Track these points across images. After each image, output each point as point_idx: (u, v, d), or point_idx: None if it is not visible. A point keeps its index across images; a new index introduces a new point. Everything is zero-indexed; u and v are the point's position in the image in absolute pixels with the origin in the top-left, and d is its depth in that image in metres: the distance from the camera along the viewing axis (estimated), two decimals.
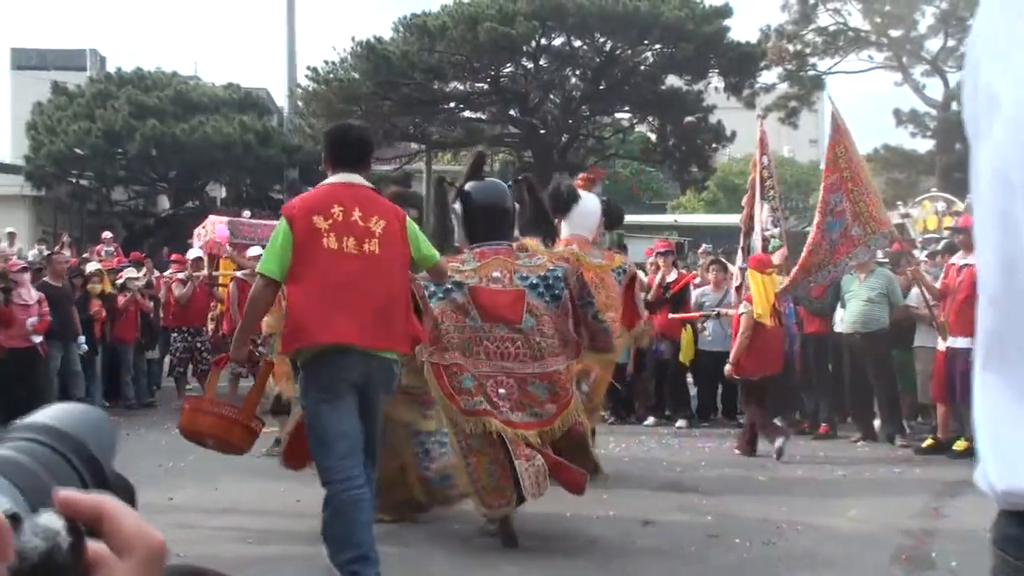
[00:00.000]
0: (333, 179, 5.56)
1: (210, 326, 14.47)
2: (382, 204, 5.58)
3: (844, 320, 11.24)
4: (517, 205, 7.12)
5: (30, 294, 11.91)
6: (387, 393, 5.63)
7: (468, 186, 6.88)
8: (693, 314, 12.40)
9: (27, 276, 12.13)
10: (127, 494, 0.87)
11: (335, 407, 5.28)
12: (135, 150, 27.02)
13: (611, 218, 8.81)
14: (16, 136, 34.38)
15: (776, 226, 12.52)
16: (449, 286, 6.36)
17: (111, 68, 34.48)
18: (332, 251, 5.26)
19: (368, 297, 5.29)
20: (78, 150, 27.12)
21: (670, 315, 12.46)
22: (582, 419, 6.66)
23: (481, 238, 6.69)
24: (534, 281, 6.49)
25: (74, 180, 28.57)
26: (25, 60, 40.71)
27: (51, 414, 0.86)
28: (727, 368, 10.58)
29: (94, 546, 0.74)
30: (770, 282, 10.44)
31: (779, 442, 10.08)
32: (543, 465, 6.16)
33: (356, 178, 5.55)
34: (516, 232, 7.01)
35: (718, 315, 11.81)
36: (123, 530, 0.76)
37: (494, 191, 6.94)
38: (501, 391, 6.32)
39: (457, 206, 6.84)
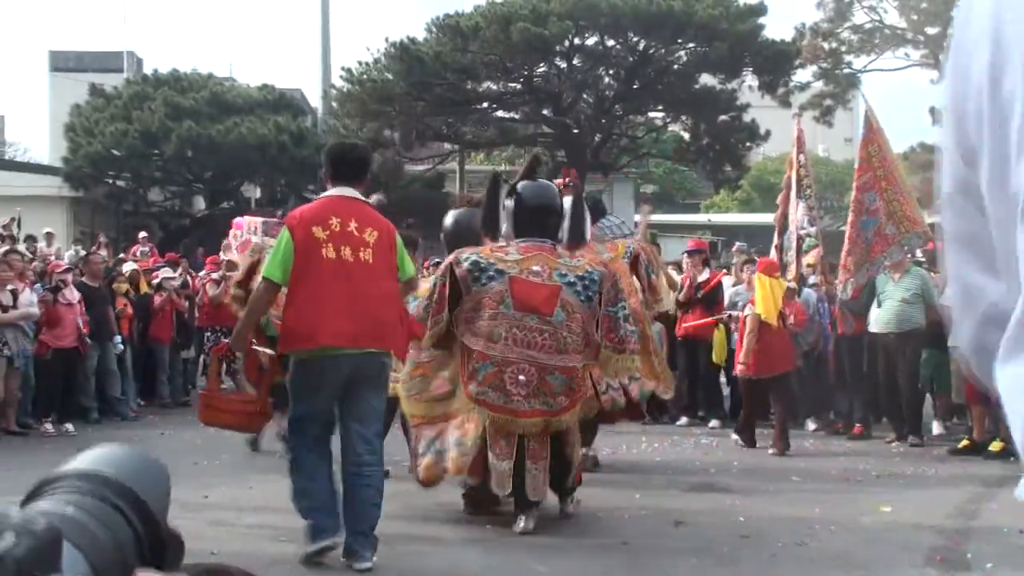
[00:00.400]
0: (331, 192, 6.17)
1: None
2: (375, 217, 6.16)
3: (878, 320, 11.14)
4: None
5: (73, 294, 12.08)
6: (376, 388, 6.07)
7: (520, 185, 7.19)
8: (707, 320, 12.35)
9: (70, 277, 12.34)
10: (178, 548, 0.88)
11: (317, 403, 5.96)
12: (171, 151, 27.19)
13: (595, 213, 8.84)
14: (54, 138, 34.72)
15: (812, 225, 12.48)
16: (492, 273, 6.76)
17: (147, 70, 34.73)
18: (330, 260, 5.82)
19: (364, 301, 5.84)
20: (115, 151, 27.30)
21: (684, 325, 12.48)
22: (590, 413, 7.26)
23: (527, 234, 7.03)
24: (572, 280, 6.84)
25: (111, 181, 28.74)
26: (63, 62, 41.10)
27: (104, 459, 0.86)
28: (739, 368, 10.72)
29: None
30: (777, 285, 10.67)
31: (737, 437, 10.99)
32: (509, 469, 6.66)
33: (353, 192, 6.13)
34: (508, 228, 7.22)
35: (730, 317, 11.80)
36: None
37: (544, 192, 7.27)
38: (521, 378, 6.64)
39: (508, 202, 7.12)
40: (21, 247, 15.17)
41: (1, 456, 9.77)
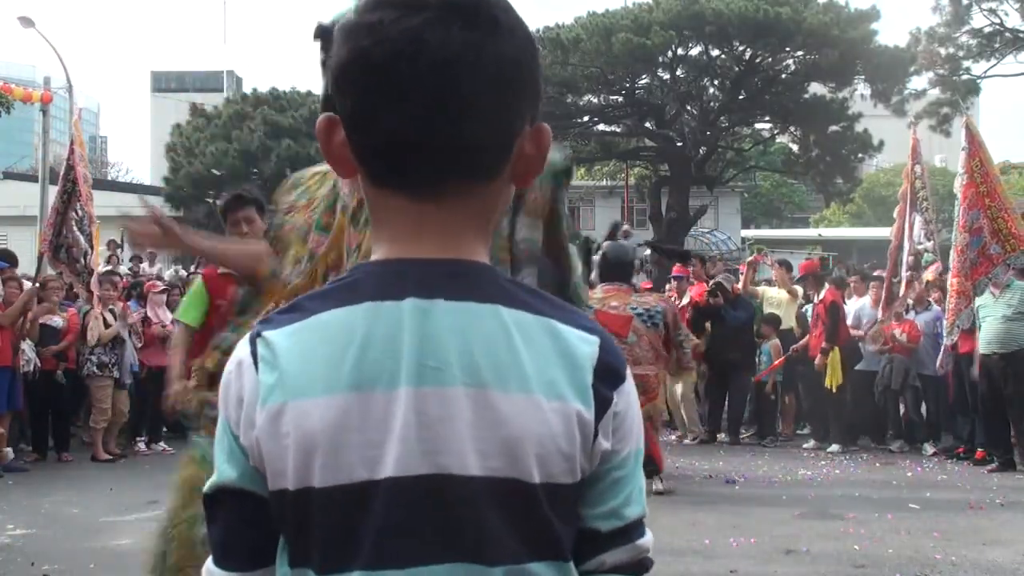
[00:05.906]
0: None
1: None
2: None
3: (981, 340, 10.41)
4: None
5: (166, 314, 12.04)
6: None
7: (604, 244, 9.56)
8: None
9: (164, 297, 12.48)
10: None
11: None
12: (270, 170, 27.41)
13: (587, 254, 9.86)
14: (155, 158, 35.38)
15: (929, 239, 11.86)
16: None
17: (247, 89, 35.11)
18: None
19: None
20: (215, 171, 27.62)
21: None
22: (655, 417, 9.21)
23: (609, 279, 9.26)
24: (640, 311, 9.02)
25: (211, 201, 29.13)
26: (164, 83, 42.01)
27: None
28: None
29: None
30: None
31: None
32: None
33: None
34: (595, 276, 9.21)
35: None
36: None
37: (621, 249, 9.52)
38: None
39: (596, 257, 9.25)
40: (124, 267, 15.36)
41: (103, 477, 9.95)
